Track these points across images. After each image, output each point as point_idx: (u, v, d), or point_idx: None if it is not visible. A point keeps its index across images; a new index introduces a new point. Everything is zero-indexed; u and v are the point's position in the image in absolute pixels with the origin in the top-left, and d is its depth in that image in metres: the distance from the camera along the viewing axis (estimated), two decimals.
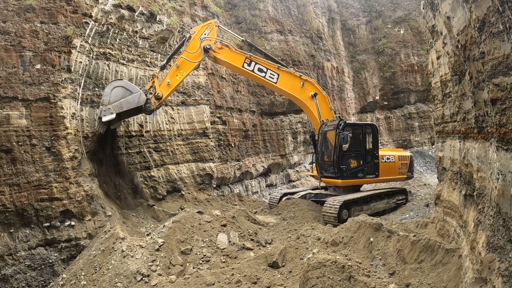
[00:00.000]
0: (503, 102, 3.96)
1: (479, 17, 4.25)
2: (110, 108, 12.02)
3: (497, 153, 4.25)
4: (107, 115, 12.04)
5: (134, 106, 12.46)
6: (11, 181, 10.29)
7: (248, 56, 14.48)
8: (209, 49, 13.91)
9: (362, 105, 28.68)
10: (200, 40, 13.87)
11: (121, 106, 12.20)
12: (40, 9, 11.30)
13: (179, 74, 13.42)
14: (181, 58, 13.59)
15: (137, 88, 12.73)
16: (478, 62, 4.70)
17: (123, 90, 12.34)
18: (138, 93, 12.43)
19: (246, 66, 14.41)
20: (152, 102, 12.80)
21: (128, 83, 12.78)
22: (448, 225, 8.21)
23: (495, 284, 4.10)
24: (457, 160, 7.45)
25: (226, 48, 14.29)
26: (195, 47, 13.80)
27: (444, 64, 8.05)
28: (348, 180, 14.39)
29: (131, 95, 12.35)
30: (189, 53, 13.67)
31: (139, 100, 12.40)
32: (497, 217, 4.28)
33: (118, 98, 12.21)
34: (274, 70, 14.72)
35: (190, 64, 13.70)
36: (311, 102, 15.19)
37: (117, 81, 12.59)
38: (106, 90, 12.30)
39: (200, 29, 14.09)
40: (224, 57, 14.26)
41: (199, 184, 16.50)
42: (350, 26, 29.67)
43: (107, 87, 12.36)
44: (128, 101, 12.26)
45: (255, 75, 14.64)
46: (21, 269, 9.98)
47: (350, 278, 6.58)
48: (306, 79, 15.30)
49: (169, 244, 9.53)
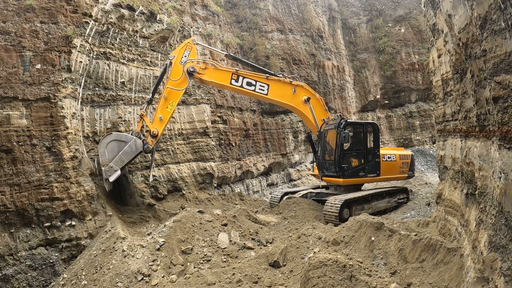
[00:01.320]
0: (505, 100, 3.93)
1: (480, 15, 4.22)
2: (113, 166, 11.76)
3: (499, 152, 4.22)
4: (112, 175, 11.78)
5: (134, 154, 12.25)
6: (12, 181, 10.29)
7: (234, 72, 13.84)
8: (193, 72, 13.21)
9: (363, 104, 28.65)
10: (181, 64, 13.15)
11: (122, 160, 11.95)
12: (40, 9, 11.29)
13: (168, 105, 12.86)
14: (167, 89, 12.92)
15: (129, 135, 12.31)
16: (479, 60, 4.67)
17: (117, 143, 12.03)
18: (132, 141, 12.11)
19: (234, 82, 13.80)
20: (149, 141, 12.44)
21: (119, 134, 12.43)
22: (450, 224, 8.18)
23: (497, 284, 4.07)
24: (459, 159, 7.42)
25: (210, 67, 13.62)
26: (178, 73, 13.08)
27: (445, 62, 8.01)
28: (350, 179, 14.36)
29: (127, 146, 12.03)
30: (173, 81, 12.98)
31: (137, 147, 12.13)
32: (499, 216, 4.25)
33: (116, 152, 11.93)
34: (263, 81, 14.17)
35: (177, 93, 13.08)
36: (305, 107, 14.84)
37: (107, 137, 12.20)
38: (100, 150, 11.97)
39: (179, 51, 13.28)
40: (210, 77, 13.60)
41: (200, 183, 16.49)
42: (351, 25, 29.63)
43: (100, 146, 12.02)
44: (127, 153, 11.99)
45: (244, 90, 14.11)
46: (22, 269, 9.97)
47: (351, 278, 6.56)
48: (297, 84, 14.91)
49: (170, 244, 9.51)
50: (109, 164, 11.77)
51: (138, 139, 12.20)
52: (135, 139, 12.14)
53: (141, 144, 12.17)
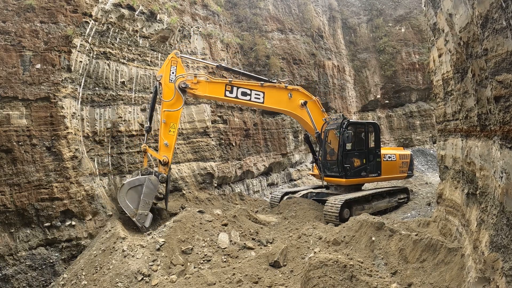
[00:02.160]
0: (506, 99, 3.91)
1: (482, 14, 4.20)
2: (142, 213, 11.49)
3: (501, 151, 4.20)
4: (146, 220, 11.56)
5: (155, 191, 12.00)
6: (12, 181, 10.28)
7: (227, 82, 13.49)
8: (185, 88, 12.69)
9: (363, 103, 28.63)
10: (171, 82, 12.66)
11: (148, 202, 11.66)
12: (40, 9, 11.27)
13: (171, 129, 12.49)
14: (164, 112, 12.50)
15: (140, 177, 11.85)
16: (480, 59, 4.65)
17: (134, 190, 11.67)
18: (147, 181, 11.73)
19: (228, 94, 13.40)
20: (161, 171, 12.20)
21: (131, 181, 11.86)
22: (450, 224, 8.16)
23: (498, 284, 4.05)
24: (460, 159, 7.40)
25: (202, 80, 13.19)
26: (170, 92, 12.58)
27: (446, 62, 7.99)
28: (352, 179, 14.35)
29: (144, 188, 11.67)
30: (167, 102, 12.52)
31: (154, 184, 11.83)
32: (501, 216, 4.23)
33: (137, 199, 11.59)
34: (258, 89, 13.86)
35: (175, 114, 12.62)
36: (302, 111, 14.67)
37: (121, 190, 11.66)
38: (122, 204, 11.54)
39: (165, 69, 12.76)
40: (203, 92, 13.17)
41: (200, 183, 16.47)
42: (351, 24, 29.62)
43: (120, 201, 11.54)
44: (147, 194, 11.69)
45: (240, 101, 13.79)
46: (22, 269, 9.96)
47: (352, 278, 6.54)
48: (293, 88, 14.70)
49: (170, 244, 9.51)
50: (137, 212, 11.49)
51: (152, 176, 11.90)
52: (148, 177, 11.81)
53: (156, 178, 11.92)
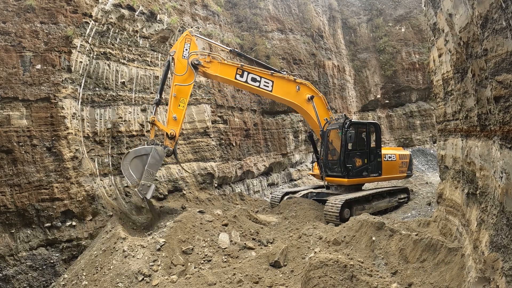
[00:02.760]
0: (506, 99, 3.92)
1: (481, 14, 4.20)
2: (144, 184, 11.31)
3: (501, 151, 4.21)
4: (148, 192, 11.38)
5: (160, 163, 11.85)
6: (12, 181, 10.29)
7: (239, 66, 13.65)
8: (197, 65, 12.84)
9: (364, 103, 28.63)
10: (184, 58, 12.77)
11: (151, 173, 11.51)
12: (40, 9, 11.29)
13: (180, 103, 12.46)
14: (175, 86, 12.52)
15: (147, 147, 11.80)
16: (480, 60, 4.65)
17: (138, 159, 11.51)
18: (153, 151, 11.58)
19: (239, 77, 13.62)
20: (168, 144, 12.09)
21: (136, 150, 11.80)
22: (451, 224, 8.16)
23: (498, 284, 4.05)
24: (460, 159, 7.40)
25: (215, 60, 13.34)
26: (183, 67, 12.68)
27: (446, 61, 7.99)
28: (354, 179, 14.36)
29: (149, 158, 11.51)
30: (179, 76, 12.59)
31: (160, 155, 11.69)
32: (501, 216, 4.24)
33: (141, 169, 11.43)
34: (268, 78, 14.09)
35: (186, 89, 12.67)
36: (308, 106, 14.84)
37: (126, 157, 11.51)
38: (126, 173, 11.40)
39: (179, 46, 12.89)
40: (215, 71, 13.32)
41: (201, 183, 16.48)
42: (351, 24, 29.62)
43: (124, 169, 11.40)
44: (152, 165, 11.53)
45: (249, 86, 13.93)
46: (23, 270, 9.97)
47: (352, 278, 6.55)
48: (301, 82, 14.90)
49: (170, 244, 9.51)
50: (140, 183, 11.32)
51: (158, 147, 11.76)
52: (155, 147, 11.66)
53: (163, 150, 11.78)
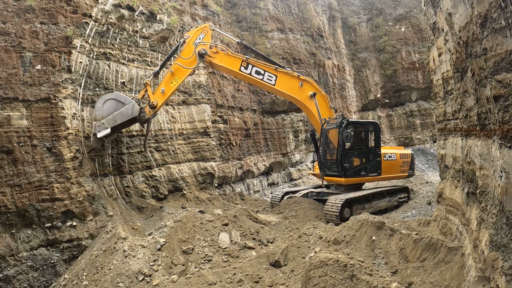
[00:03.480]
0: (506, 99, 3.92)
1: (481, 13, 4.21)
2: (104, 123, 11.63)
3: (500, 151, 4.21)
4: (102, 131, 11.66)
5: (128, 118, 12.13)
6: (12, 182, 10.30)
7: (244, 59, 14.12)
8: (204, 54, 13.50)
9: (364, 103, 28.62)
10: (194, 45, 13.46)
11: (115, 120, 11.83)
12: (40, 10, 11.29)
13: (173, 81, 13.00)
14: (176, 65, 13.18)
15: (129, 98, 12.33)
16: (480, 59, 4.65)
17: (115, 102, 11.94)
18: (130, 104, 12.06)
19: (243, 69, 14.08)
20: (146, 111, 12.50)
21: (119, 95, 12.35)
22: (451, 223, 8.16)
23: (498, 283, 4.06)
24: (460, 158, 7.40)
25: (221, 52, 13.91)
26: (189, 52, 13.39)
27: (446, 61, 7.99)
28: (352, 178, 14.36)
29: (124, 107, 11.98)
30: (183, 59, 13.24)
31: (133, 111, 12.08)
32: (501, 215, 4.24)
33: (111, 111, 11.85)
34: (272, 72, 14.41)
35: (185, 71, 13.29)
36: (310, 102, 14.99)
37: (108, 93, 12.13)
38: (97, 105, 11.86)
39: (194, 33, 13.65)
40: (220, 62, 13.87)
41: (201, 183, 16.48)
42: (351, 24, 29.61)
43: (98, 101, 11.94)
44: (122, 114, 11.90)
45: (252, 78, 14.31)
46: (23, 270, 9.98)
47: (353, 277, 6.55)
48: (304, 79, 15.08)
49: (170, 244, 9.52)
50: (101, 120, 11.66)
51: (137, 105, 12.16)
52: (134, 104, 12.11)
53: (138, 110, 12.14)
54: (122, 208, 13.19)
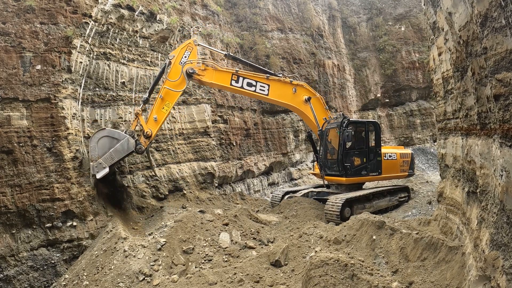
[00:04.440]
0: (506, 98, 3.92)
1: (481, 12, 4.20)
2: (102, 163, 11.37)
3: (501, 150, 4.21)
4: (100, 171, 11.41)
5: (125, 154, 11.85)
6: (13, 182, 10.30)
7: (234, 72, 13.54)
8: (192, 73, 12.83)
9: (364, 102, 28.61)
10: (181, 64, 12.78)
11: (112, 158, 11.58)
12: (39, 10, 11.29)
13: (165, 106, 12.45)
14: (164, 89, 12.53)
15: (122, 133, 11.93)
16: (480, 58, 4.65)
17: (109, 139, 11.64)
18: (125, 140, 11.72)
19: (234, 83, 13.50)
20: (142, 142, 12.09)
21: (112, 131, 11.99)
22: (451, 223, 8.16)
23: (499, 282, 4.06)
24: (460, 157, 7.40)
25: (210, 68, 13.28)
26: (177, 73, 12.69)
27: (446, 60, 7.99)
28: (352, 178, 14.35)
29: (118, 143, 11.65)
30: (171, 81, 12.59)
31: (129, 146, 11.75)
32: (501, 214, 4.24)
33: (106, 149, 11.55)
34: (263, 82, 13.91)
35: (174, 94, 12.66)
36: (305, 107, 14.68)
37: (100, 131, 11.75)
38: (91, 144, 11.57)
39: (179, 52, 12.92)
40: (210, 79, 13.24)
41: (201, 183, 16.49)
42: (351, 23, 29.60)
43: (92, 141, 11.62)
44: (118, 151, 11.62)
45: (245, 91, 13.85)
46: (24, 270, 9.98)
47: (353, 277, 6.55)
48: (297, 84, 14.74)
49: (171, 244, 9.52)
50: (98, 160, 11.41)
51: (131, 139, 11.83)
52: (128, 138, 11.78)
53: (134, 144, 11.83)
54: (122, 208, 13.20)
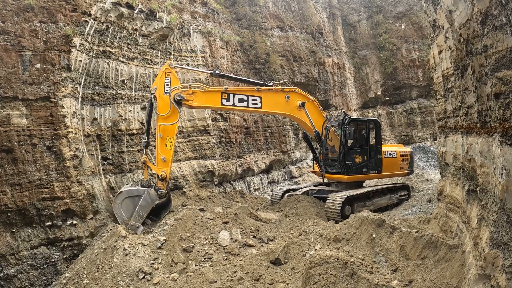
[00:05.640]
0: (506, 96, 3.91)
1: (481, 10, 4.19)
2: (134, 224, 11.03)
3: (501, 148, 4.20)
4: (136, 231, 11.01)
5: (152, 206, 11.55)
6: (13, 181, 10.29)
7: (223, 90, 13.07)
8: (180, 100, 12.19)
9: (364, 100, 28.59)
10: (166, 94, 12.11)
11: (141, 215, 11.26)
12: (39, 9, 11.26)
13: (167, 143, 12.00)
14: (160, 126, 11.95)
15: (140, 189, 11.52)
16: (480, 56, 4.64)
17: (130, 199, 11.32)
18: (145, 193, 11.38)
19: (225, 102, 13.02)
20: (160, 185, 11.77)
21: (130, 190, 11.55)
22: (451, 221, 8.17)
23: (498, 281, 4.06)
24: (460, 156, 7.40)
25: (198, 90, 12.68)
26: (165, 105, 12.03)
27: (446, 58, 7.98)
28: (354, 175, 14.35)
29: (141, 199, 11.31)
30: (163, 115, 11.99)
31: (152, 198, 11.45)
32: (501, 213, 4.23)
33: (132, 209, 11.23)
34: (255, 95, 13.53)
35: (171, 128, 12.10)
36: (300, 113, 14.50)
37: (119, 196, 11.38)
38: (116, 211, 11.21)
39: (159, 82, 12.20)
40: (200, 102, 12.70)
41: (201, 181, 16.49)
42: (351, 21, 29.54)
43: (115, 208, 11.24)
44: (143, 206, 11.30)
45: (237, 108, 13.50)
46: (24, 269, 9.99)
47: (353, 275, 6.56)
48: (289, 90, 14.43)
49: (171, 242, 9.53)
50: (129, 223, 11.09)
51: (151, 190, 11.54)
52: (148, 191, 11.45)
53: (155, 193, 11.57)
54: None
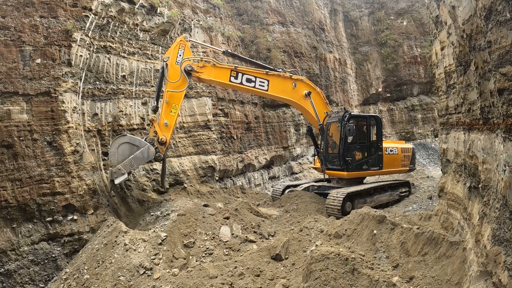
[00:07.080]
0: (510, 92, 3.88)
1: (485, 6, 4.16)
2: (121, 169, 11.19)
3: (504, 144, 4.18)
4: (119, 177, 11.27)
5: (145, 161, 11.72)
6: (13, 176, 10.28)
7: (233, 68, 13.44)
8: (191, 71, 12.68)
9: (365, 97, 28.54)
10: (178, 64, 12.61)
11: (132, 164, 11.44)
12: (39, 3, 11.20)
13: (172, 109, 12.36)
14: (167, 92, 12.40)
15: (143, 141, 11.81)
16: (484, 52, 4.61)
17: (129, 146, 11.50)
18: (146, 147, 11.58)
19: (233, 79, 13.39)
20: (159, 149, 11.94)
21: (133, 138, 11.82)
22: (452, 218, 8.15)
23: (500, 278, 4.05)
24: (462, 152, 7.37)
25: (208, 65, 13.14)
26: (176, 74, 12.52)
27: (449, 54, 7.93)
28: (354, 172, 14.34)
29: (139, 151, 11.52)
30: (172, 83, 12.44)
31: (149, 155, 11.61)
32: (503, 209, 4.22)
33: (126, 155, 11.41)
34: (263, 77, 13.83)
35: (178, 95, 12.54)
36: (305, 102, 14.62)
37: (121, 137, 11.61)
38: (111, 150, 11.43)
39: (172, 51, 12.74)
40: (209, 76, 13.13)
41: (202, 176, 16.48)
42: (353, 17, 29.44)
43: (112, 146, 11.49)
44: (138, 158, 11.46)
45: (244, 87, 13.74)
46: (24, 264, 10.00)
47: (354, 271, 6.56)
48: (297, 78, 14.67)
49: (171, 238, 9.53)
50: (117, 166, 11.29)
51: (152, 147, 11.73)
52: (149, 146, 11.67)
53: (154, 152, 11.71)
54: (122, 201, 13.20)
